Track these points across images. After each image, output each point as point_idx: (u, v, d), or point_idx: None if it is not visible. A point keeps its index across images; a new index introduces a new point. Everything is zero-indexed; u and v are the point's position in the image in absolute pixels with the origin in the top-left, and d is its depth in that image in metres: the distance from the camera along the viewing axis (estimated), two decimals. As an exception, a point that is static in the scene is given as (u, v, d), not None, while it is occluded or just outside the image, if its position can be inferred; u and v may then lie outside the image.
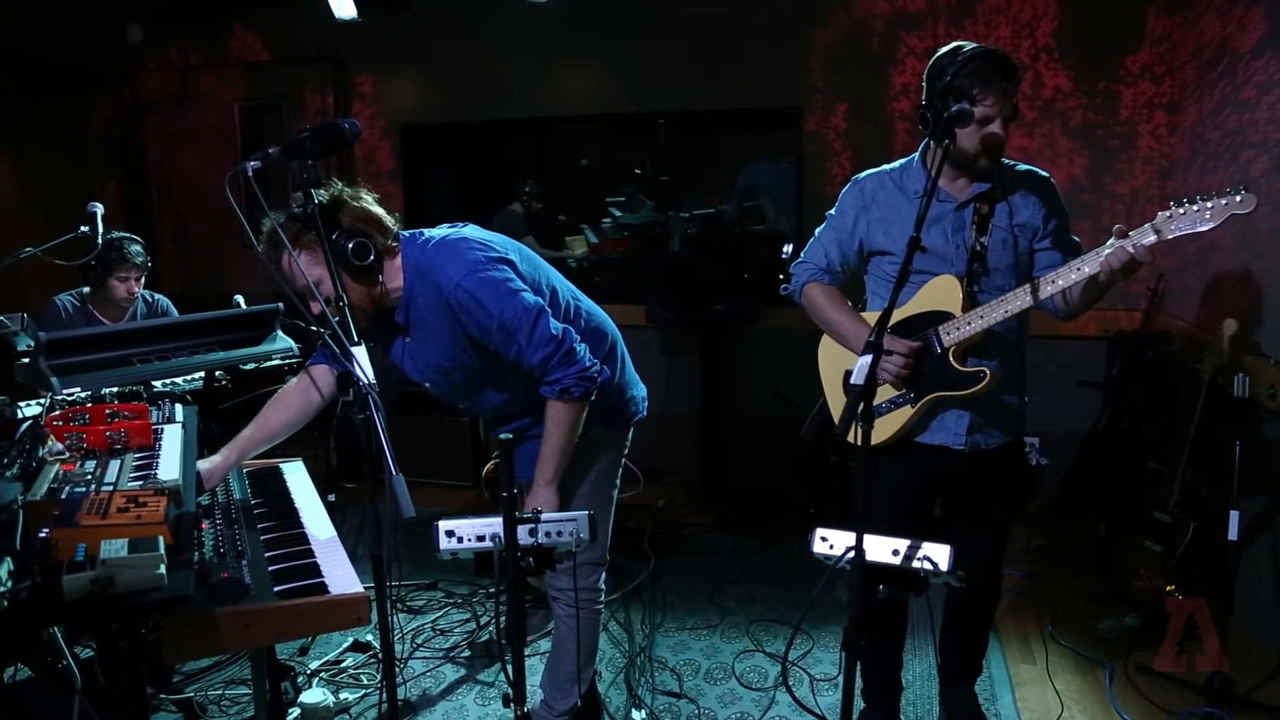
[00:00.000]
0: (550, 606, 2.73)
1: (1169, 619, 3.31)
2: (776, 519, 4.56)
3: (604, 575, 2.74)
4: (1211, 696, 2.93)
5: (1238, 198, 2.05)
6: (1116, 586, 3.65)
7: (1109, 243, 2.18)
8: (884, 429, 2.48)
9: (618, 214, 6.04)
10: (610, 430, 2.67)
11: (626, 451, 2.77)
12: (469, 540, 1.74)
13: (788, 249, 5.22)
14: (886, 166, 2.57)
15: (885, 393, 2.48)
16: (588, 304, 2.69)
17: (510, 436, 1.68)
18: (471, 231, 2.47)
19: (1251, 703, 2.98)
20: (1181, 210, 2.09)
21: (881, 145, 4.66)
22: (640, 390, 2.80)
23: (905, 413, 2.46)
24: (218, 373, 3.10)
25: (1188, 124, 4.36)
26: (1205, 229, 2.08)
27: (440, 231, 2.46)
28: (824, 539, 1.92)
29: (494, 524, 1.74)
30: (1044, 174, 2.49)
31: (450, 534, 1.74)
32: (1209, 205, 2.07)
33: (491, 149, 5.93)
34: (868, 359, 1.76)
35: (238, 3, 5.63)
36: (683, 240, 5.30)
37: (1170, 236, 2.11)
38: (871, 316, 2.54)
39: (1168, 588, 3.33)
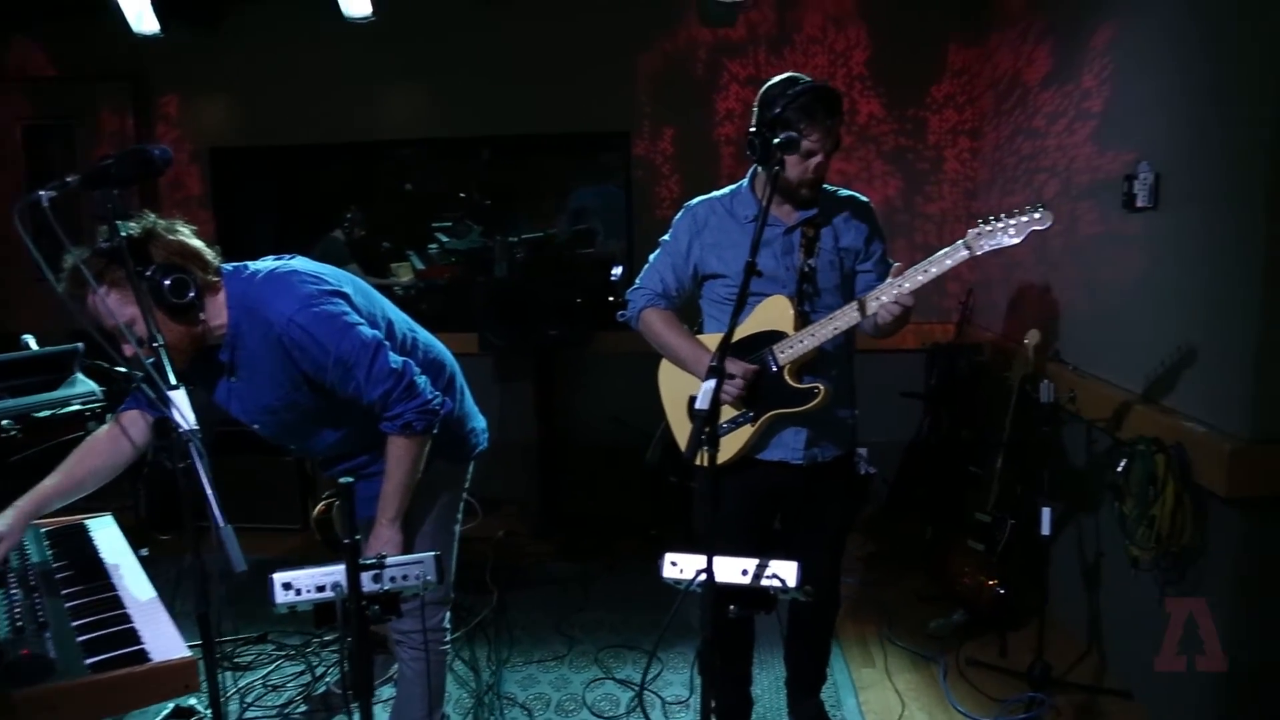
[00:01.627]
0: (393, 651, 2.66)
1: (993, 613, 3.56)
2: (618, 543, 4.58)
3: (448, 614, 2.69)
4: (1034, 682, 3.15)
5: (1037, 214, 2.25)
6: (945, 586, 3.86)
7: (920, 264, 2.32)
8: (726, 448, 2.53)
9: (444, 239, 5.98)
10: (452, 464, 2.64)
11: (468, 485, 2.74)
12: (307, 591, 1.68)
13: (618, 271, 5.28)
14: (717, 193, 2.65)
15: (726, 413, 2.53)
16: (424, 335, 2.65)
17: (352, 480, 1.64)
18: (301, 264, 2.39)
19: (1068, 684, 3.22)
20: (989, 227, 2.28)
21: (708, 169, 4.80)
22: (480, 422, 2.78)
23: (746, 432, 2.51)
24: (4, 421, 2.87)
25: (988, 149, 4.70)
26: (1010, 244, 2.27)
27: (266, 264, 2.37)
28: (673, 563, 1.94)
29: (334, 572, 1.69)
30: (864, 199, 2.61)
31: (287, 586, 1.67)
32: (1012, 222, 2.26)
33: (310, 174, 5.75)
34: (711, 384, 1.80)
35: (14, 13, 5.23)
36: (511, 265, 5.31)
37: (980, 252, 2.29)
38: (708, 339, 2.60)
39: (989, 583, 3.56)
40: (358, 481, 2.54)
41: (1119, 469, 2.89)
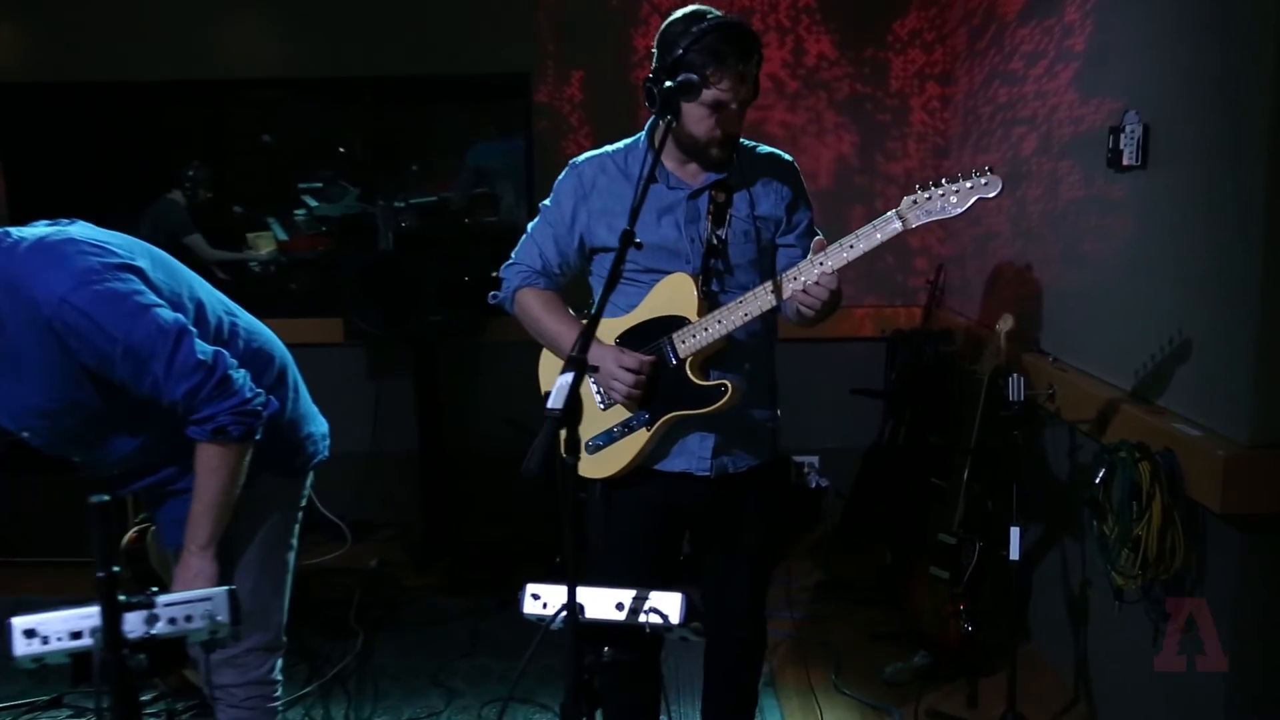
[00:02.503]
0: (212, 709, 2.58)
1: (960, 655, 3.56)
2: (516, 572, 4.54)
3: (279, 663, 2.61)
4: (1007, 739, 3.16)
5: (983, 180, 2.25)
6: (905, 622, 3.87)
7: (846, 239, 2.31)
8: (617, 457, 2.53)
9: (314, 204, 5.86)
10: (282, 477, 2.57)
11: (304, 503, 2.67)
12: (59, 639, 1.58)
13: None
14: (609, 148, 2.63)
15: (617, 415, 2.53)
16: (246, 320, 2.57)
17: (106, 499, 1.55)
18: (80, 230, 2.28)
19: (1048, 740, 3.24)
20: (926, 194, 2.27)
21: (625, 119, 4.73)
22: (319, 425, 2.71)
23: (641, 437, 2.51)
24: None
25: (960, 97, 4.72)
26: (952, 214, 2.26)
27: (37, 231, 2.25)
28: (535, 596, 1.94)
29: (93, 614, 1.60)
30: (788, 158, 2.62)
31: (31, 634, 1.57)
32: (954, 189, 2.26)
33: (139, 120, 5.54)
34: (567, 379, 1.76)
35: None
36: (396, 235, 5.23)
37: (915, 224, 2.28)
38: (601, 325, 2.57)
39: (955, 618, 3.56)
40: (165, 501, 2.50)
41: (1096, 480, 2.90)
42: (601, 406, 2.55)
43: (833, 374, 4.81)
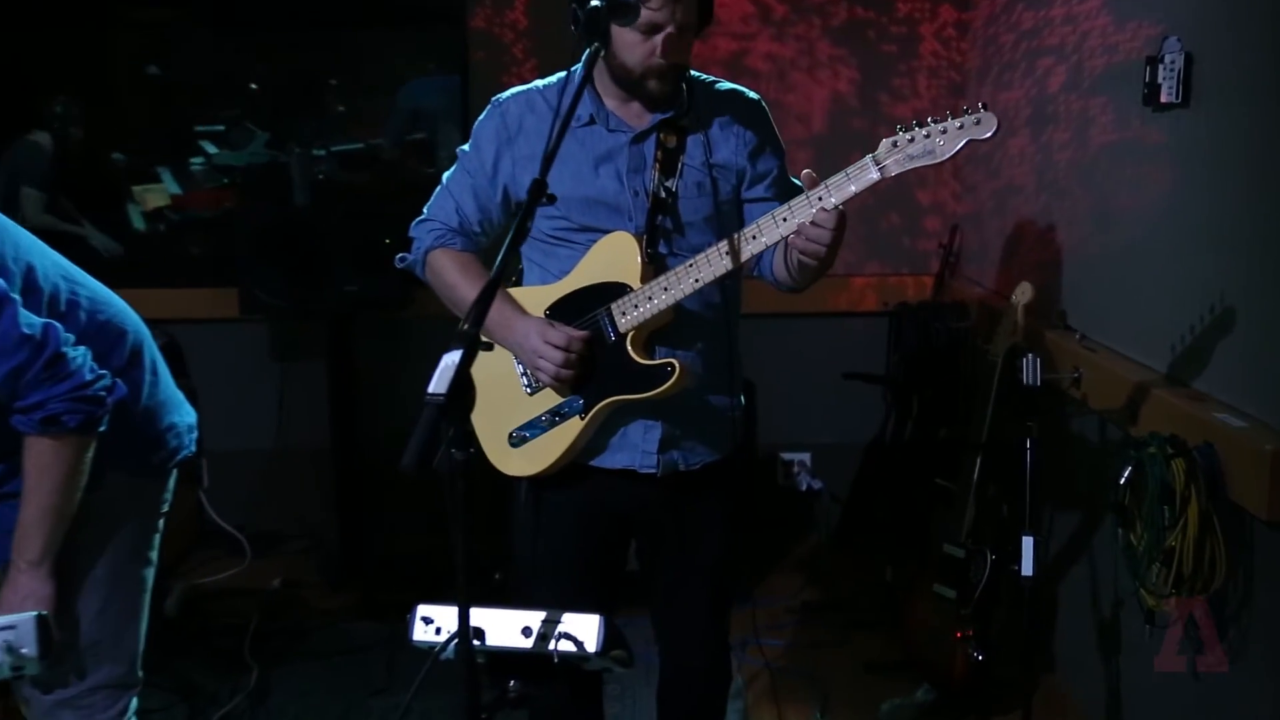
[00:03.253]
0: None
1: (969, 688, 3.55)
2: (449, 591, 4.49)
3: (133, 703, 2.58)
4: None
5: (974, 118, 2.22)
6: (906, 649, 3.86)
7: (821, 186, 2.28)
8: (546, 451, 2.53)
9: (214, 151, 5.75)
10: (136, 478, 2.53)
11: (165, 508, 2.63)
12: None
13: None
14: (539, 82, 2.61)
15: (546, 401, 2.53)
16: (92, 289, 2.51)
17: None
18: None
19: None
20: (909, 137, 2.24)
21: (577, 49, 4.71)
22: (185, 416, 2.67)
23: (574, 427, 2.51)
24: None
25: (978, 23, 4.69)
26: (939, 159, 2.24)
27: None
28: (427, 620, 1.97)
29: None
30: (753, 96, 2.63)
31: None
32: (941, 129, 2.23)
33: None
34: (453, 358, 1.73)
35: None
36: (314, 189, 5.19)
37: (895, 171, 2.26)
38: (527, 294, 2.59)
39: (963, 645, 3.55)
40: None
41: (1121, 481, 2.88)
42: (528, 391, 2.56)
43: (827, 356, 4.79)
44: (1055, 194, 3.89)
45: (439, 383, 1.71)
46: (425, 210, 2.67)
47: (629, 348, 2.46)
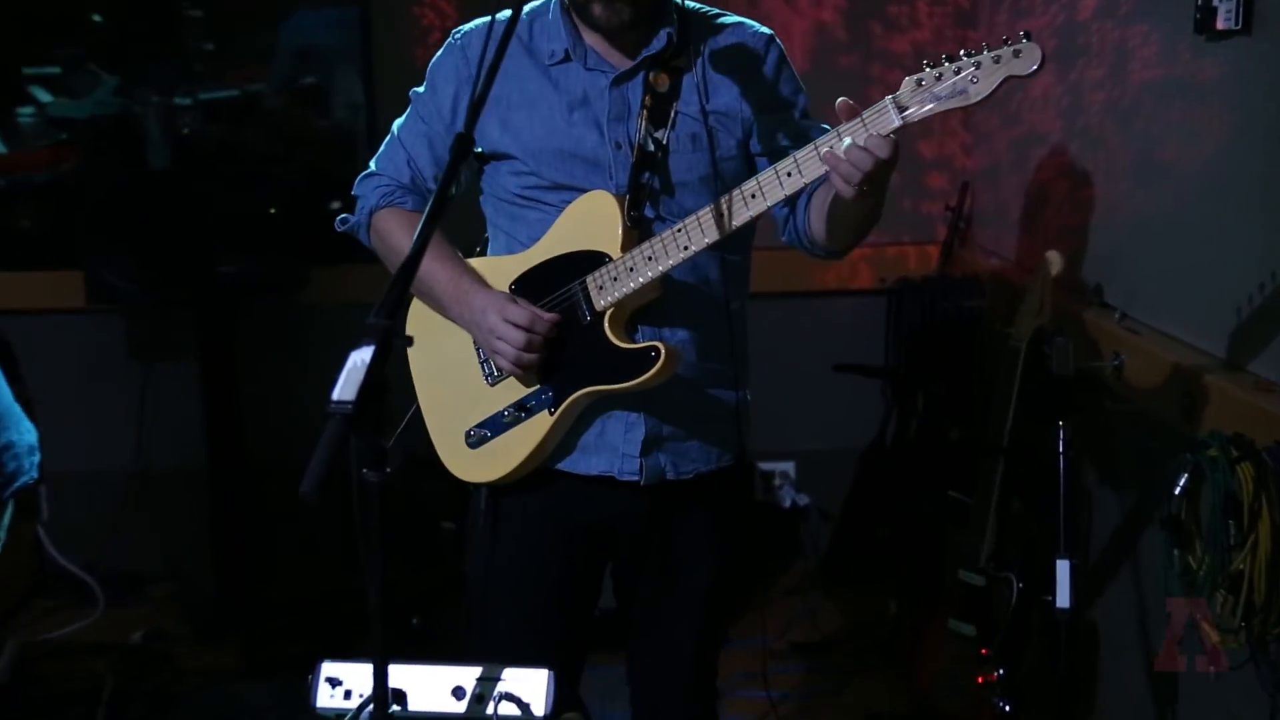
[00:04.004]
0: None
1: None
2: (357, 641, 4.40)
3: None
4: None
5: (1013, 50, 2.17)
6: (916, 698, 3.84)
7: (831, 133, 2.27)
8: (509, 452, 2.56)
9: (47, 99, 5.65)
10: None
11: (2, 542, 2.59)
12: None
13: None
14: (506, 13, 2.54)
15: (510, 392, 2.55)
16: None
17: None
18: None
19: None
20: (936, 73, 2.20)
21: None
22: (24, 435, 2.67)
23: (542, 423, 2.53)
24: None
25: (992, -66, 4.70)
26: (975, 100, 2.20)
27: None
28: (333, 680, 1.95)
29: None
30: (764, 31, 2.63)
31: None
32: (974, 63, 2.19)
33: None
34: (363, 356, 1.66)
35: None
36: (176, 147, 5.10)
37: (922, 116, 2.22)
38: (490, 265, 2.63)
39: (982, 691, 3.51)
40: None
41: (1176, 491, 2.85)
42: (489, 381, 2.59)
43: (812, 344, 4.79)
44: (1087, 143, 3.87)
45: (345, 387, 1.63)
46: (372, 163, 2.70)
47: (607, 328, 2.47)
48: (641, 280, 2.44)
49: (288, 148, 5.33)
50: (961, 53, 2.21)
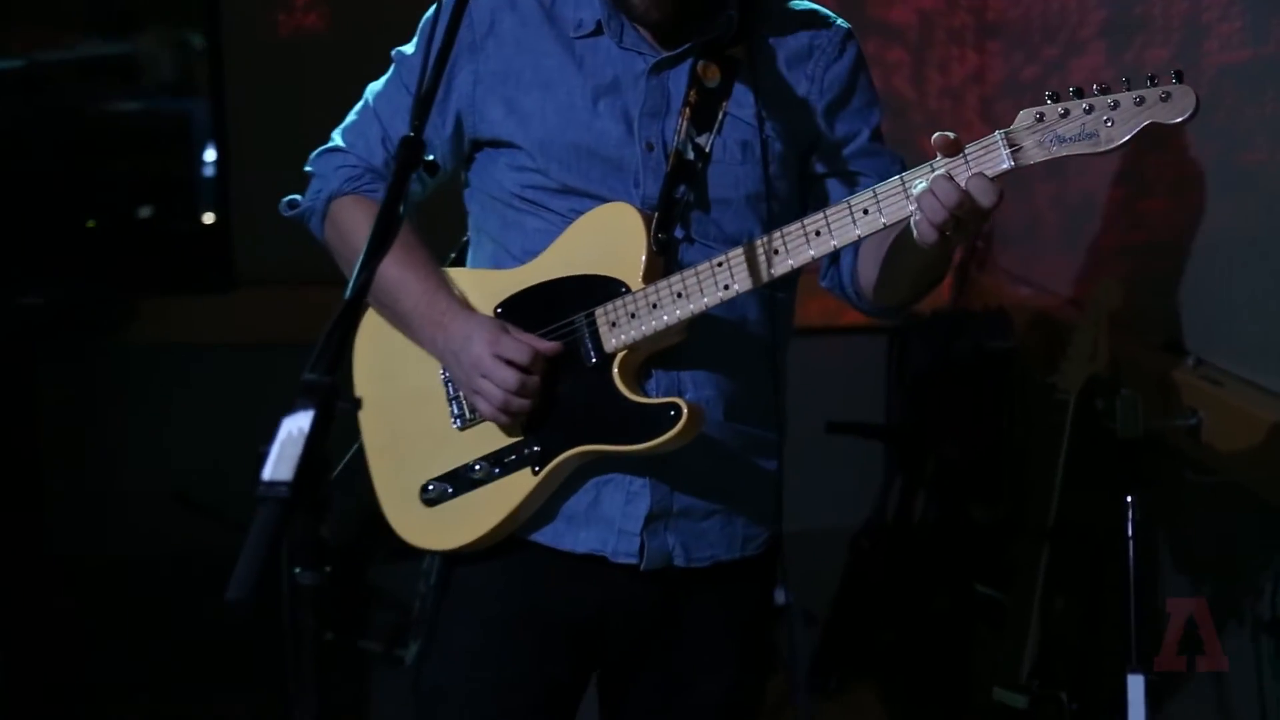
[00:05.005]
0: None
1: None
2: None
3: None
4: None
5: (1161, 92, 2.16)
6: None
7: (924, 167, 2.26)
8: (476, 515, 2.55)
9: None
10: None
11: None
12: None
13: (210, 157, 5.21)
14: None
15: (484, 440, 2.55)
16: None
17: None
18: None
19: None
20: (1060, 109, 2.20)
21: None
22: None
23: (522, 483, 2.53)
24: None
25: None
26: (1105, 149, 2.20)
27: None
28: None
29: None
30: (842, 24, 2.66)
31: None
32: (1110, 103, 2.18)
33: None
34: (300, 422, 1.60)
35: None
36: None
37: (1039, 160, 2.22)
38: (472, 278, 2.64)
39: None
40: None
41: (1272, 578, 2.89)
42: (457, 424, 2.60)
43: (797, 396, 4.70)
44: (1150, 143, 3.85)
45: (279, 464, 1.57)
46: (336, 134, 2.70)
47: (616, 375, 2.46)
48: (666, 321, 2.44)
49: (94, 137, 5.33)
50: (1095, 87, 2.21)
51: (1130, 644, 3.11)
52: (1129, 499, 3.15)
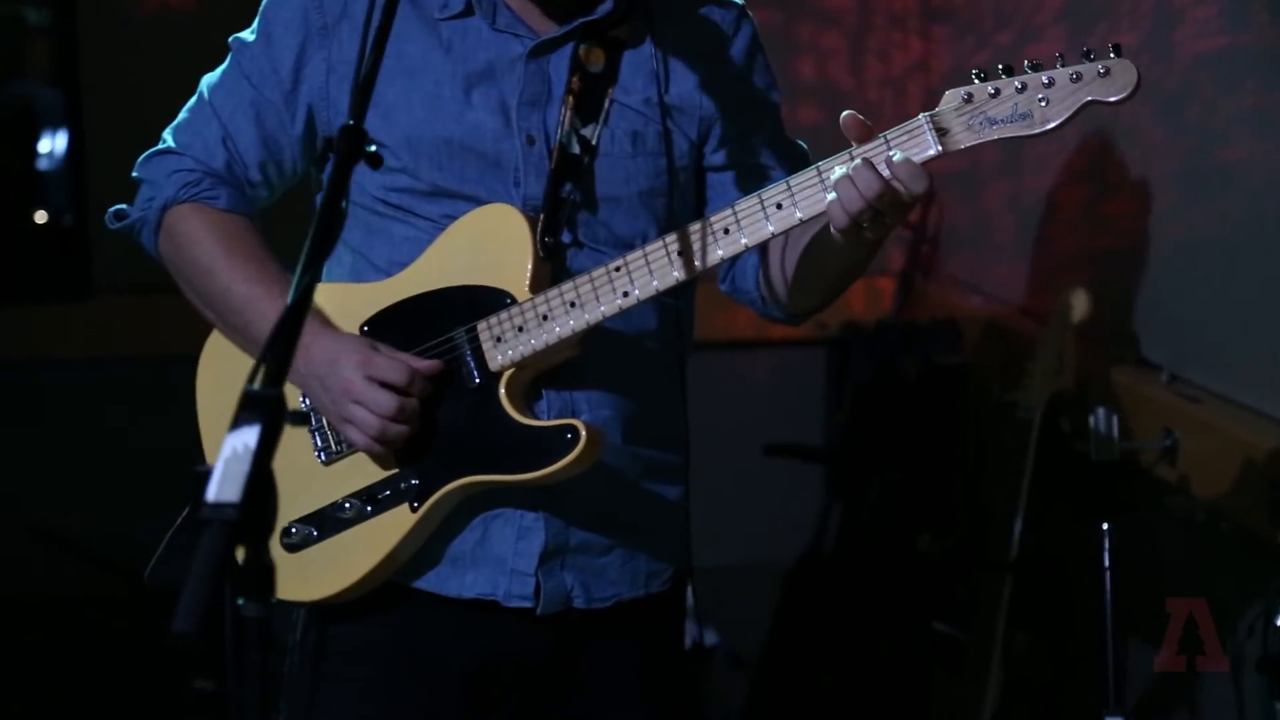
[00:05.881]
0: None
1: None
2: None
3: None
4: None
5: (1099, 67, 2.19)
6: None
7: (843, 155, 2.25)
8: (347, 561, 2.51)
9: None
10: None
11: None
12: None
13: (52, 147, 5.23)
14: None
15: (354, 475, 2.51)
16: None
17: None
18: None
19: None
20: (990, 89, 2.22)
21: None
22: None
23: (399, 522, 2.48)
24: None
25: None
26: (1041, 130, 2.20)
27: None
28: None
29: None
30: (736, 0, 2.67)
31: None
32: (1044, 80, 2.20)
33: None
34: (246, 438, 1.60)
35: None
36: None
37: (969, 144, 2.24)
38: (335, 295, 2.57)
39: None
40: None
41: (1278, 621, 2.91)
42: (322, 458, 2.55)
43: (723, 415, 4.73)
44: (1117, 137, 3.91)
45: (225, 484, 1.57)
46: (167, 134, 2.63)
47: (503, 397, 2.43)
48: (559, 334, 2.41)
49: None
50: (1027, 64, 2.21)
51: (1109, 685, 3.15)
52: (1105, 527, 3.17)
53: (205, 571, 1.51)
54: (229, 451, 1.58)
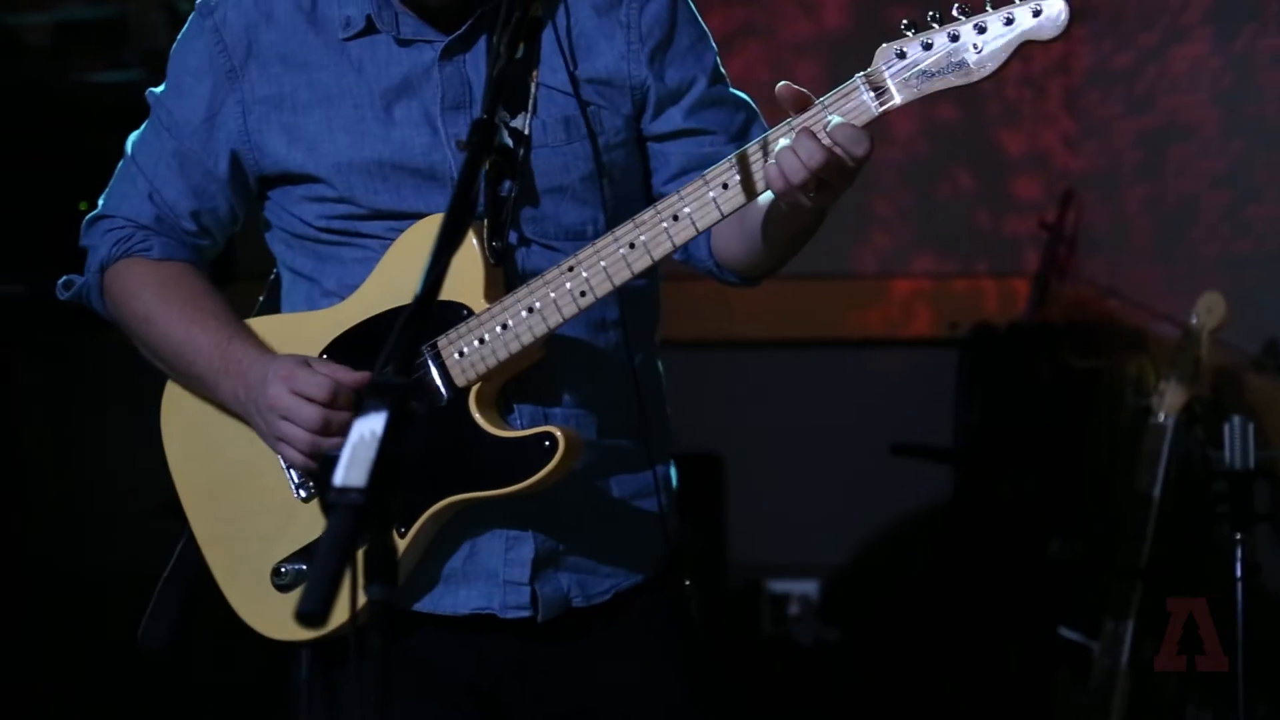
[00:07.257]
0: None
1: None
2: None
3: None
4: None
5: (1031, 8, 2.17)
6: None
7: (784, 125, 2.24)
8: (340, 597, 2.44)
9: None
10: None
11: None
12: None
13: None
14: None
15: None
16: None
17: None
18: None
19: None
20: (924, 41, 2.20)
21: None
22: None
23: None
24: None
25: None
26: (979, 77, 2.19)
27: None
28: None
29: None
30: None
31: None
32: (975, 27, 2.18)
33: None
34: (373, 424, 1.59)
35: None
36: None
37: (909, 99, 2.22)
38: (288, 325, 2.60)
39: None
40: None
41: None
42: (300, 494, 2.55)
43: (847, 415, 4.81)
44: (1260, 140, 3.87)
45: (352, 469, 1.58)
46: (100, 203, 2.65)
47: (474, 411, 2.43)
48: (522, 342, 2.40)
49: (76, 113, 5.27)
50: (955, 10, 2.19)
51: (1240, 700, 3.12)
52: (1238, 536, 3.14)
53: (331, 555, 1.52)
54: (356, 437, 1.59)
